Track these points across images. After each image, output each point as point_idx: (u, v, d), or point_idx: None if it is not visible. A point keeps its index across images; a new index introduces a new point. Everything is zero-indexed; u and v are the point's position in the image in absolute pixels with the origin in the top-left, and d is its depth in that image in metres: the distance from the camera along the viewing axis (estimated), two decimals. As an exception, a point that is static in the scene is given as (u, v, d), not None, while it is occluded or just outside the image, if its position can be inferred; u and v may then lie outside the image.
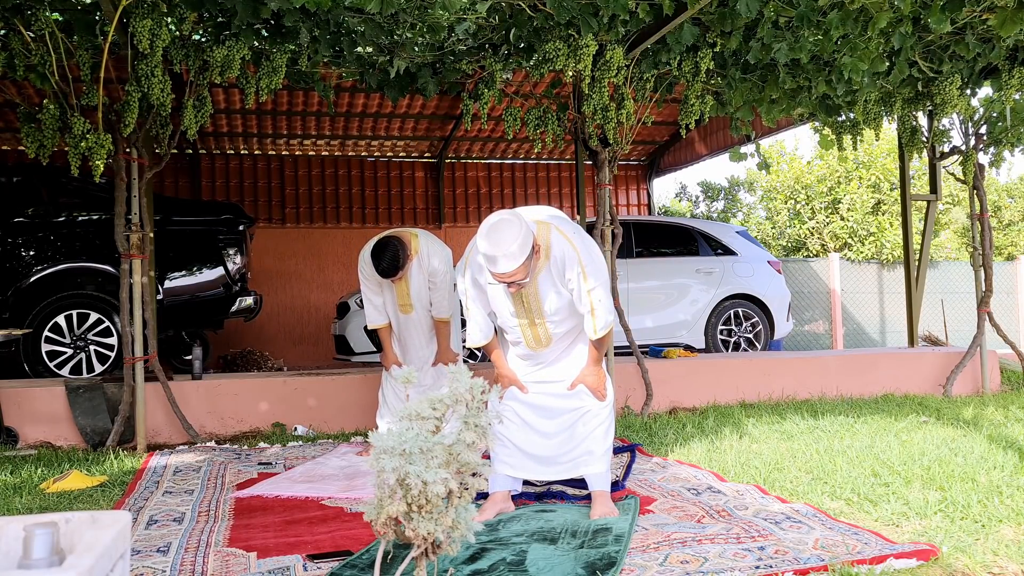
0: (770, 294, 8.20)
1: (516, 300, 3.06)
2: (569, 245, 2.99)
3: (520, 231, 2.80)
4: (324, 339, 10.11)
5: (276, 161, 10.87)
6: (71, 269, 6.15)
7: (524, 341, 3.17)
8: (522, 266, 2.83)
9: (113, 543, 1.27)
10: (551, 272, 3.01)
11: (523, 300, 3.05)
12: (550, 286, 3.03)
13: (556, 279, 3.02)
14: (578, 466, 3.19)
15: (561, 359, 3.24)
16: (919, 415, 5.18)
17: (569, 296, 3.06)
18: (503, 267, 2.81)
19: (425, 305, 4.42)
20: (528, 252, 2.83)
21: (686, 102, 5.77)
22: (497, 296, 3.09)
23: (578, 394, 3.19)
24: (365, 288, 4.47)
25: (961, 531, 2.68)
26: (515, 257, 2.79)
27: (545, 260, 3.00)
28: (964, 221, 17.74)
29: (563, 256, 2.98)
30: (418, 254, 4.29)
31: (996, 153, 6.52)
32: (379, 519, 1.89)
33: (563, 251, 2.98)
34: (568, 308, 3.09)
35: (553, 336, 3.15)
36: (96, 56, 4.70)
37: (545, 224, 3.02)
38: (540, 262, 2.98)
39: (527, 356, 3.24)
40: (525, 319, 3.10)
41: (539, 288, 3.03)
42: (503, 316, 3.14)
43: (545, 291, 3.03)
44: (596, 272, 3.00)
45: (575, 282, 2.99)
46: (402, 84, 5.67)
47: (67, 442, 4.88)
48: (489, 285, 3.07)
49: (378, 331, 4.56)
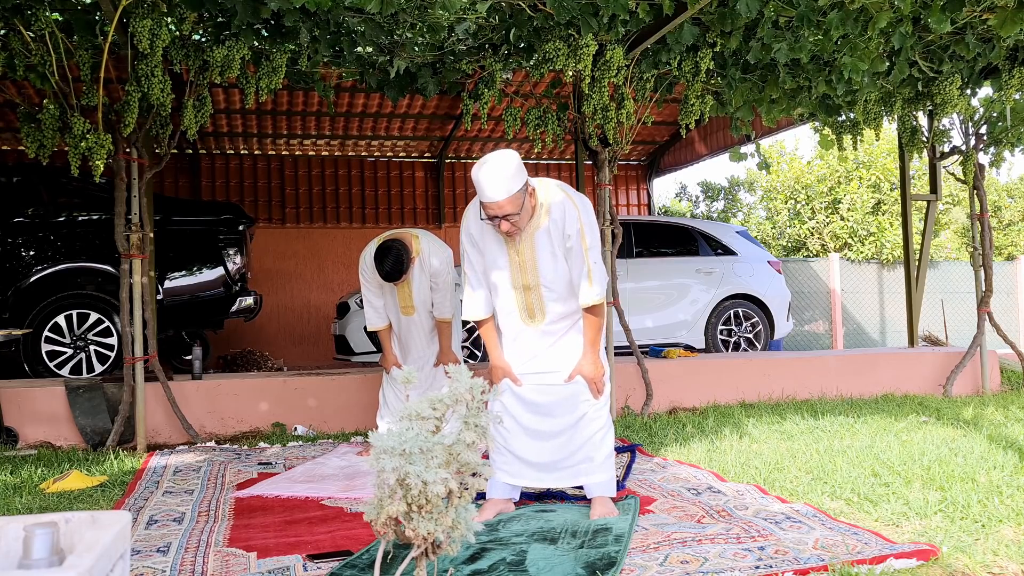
0: (770, 294, 8.20)
1: (512, 260, 3.04)
2: (570, 202, 3.03)
3: (513, 162, 2.88)
4: (324, 339, 10.11)
5: (276, 161, 10.87)
6: (71, 269, 6.15)
7: (518, 311, 3.10)
8: (514, 197, 2.87)
9: (113, 543, 1.27)
10: (550, 234, 3.02)
11: (519, 258, 3.03)
12: (547, 247, 3.03)
13: (555, 241, 3.02)
14: (578, 474, 3.14)
15: (556, 349, 3.16)
16: (919, 415, 5.18)
17: (566, 267, 3.04)
18: (493, 192, 2.84)
19: (427, 306, 4.42)
20: (520, 185, 2.88)
21: (686, 102, 5.77)
22: (492, 250, 3.07)
23: (575, 394, 3.12)
24: (366, 290, 4.46)
25: (961, 531, 2.68)
26: (507, 182, 2.84)
27: (545, 217, 3.02)
28: (964, 221, 17.74)
29: (564, 214, 3.01)
30: (420, 255, 4.29)
31: (996, 153, 6.52)
32: (379, 519, 1.89)
33: (564, 209, 3.02)
34: (564, 281, 3.06)
35: (548, 311, 3.09)
36: (96, 56, 4.70)
37: (547, 182, 3.10)
38: (539, 218, 3.01)
39: (520, 336, 3.15)
40: (520, 283, 3.06)
41: (536, 247, 3.02)
42: (499, 280, 3.10)
43: (542, 250, 3.03)
44: (594, 234, 3.05)
45: (575, 239, 3.00)
46: (402, 84, 5.67)
47: (67, 442, 4.88)
48: (486, 242, 3.07)
49: (378, 333, 4.56)
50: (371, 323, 4.51)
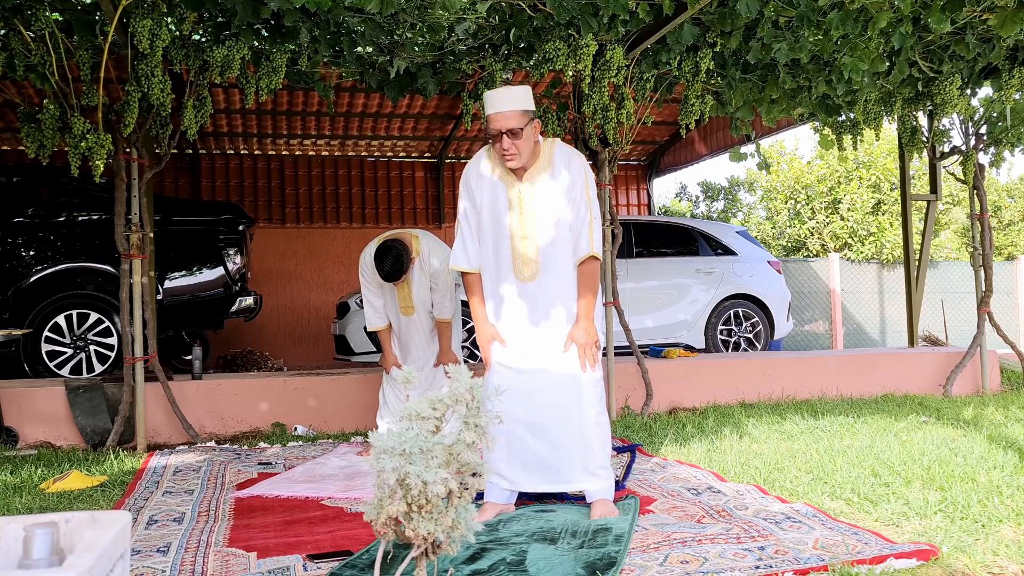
0: (770, 294, 8.20)
1: (512, 203, 3.04)
2: (576, 154, 3.12)
3: (526, 88, 3.05)
4: (324, 339, 10.11)
5: (276, 161, 10.87)
6: (71, 269, 6.15)
7: (511, 260, 3.05)
8: (520, 114, 2.96)
9: (113, 543, 1.27)
10: (554, 179, 3.05)
11: (519, 200, 3.04)
12: (548, 192, 3.04)
13: (558, 186, 3.03)
14: (575, 481, 3.08)
15: (548, 319, 3.07)
16: (919, 415, 5.18)
17: (565, 219, 3.03)
18: (499, 102, 2.97)
19: (426, 306, 4.42)
20: (528, 107, 3.00)
21: (686, 102, 5.77)
22: (490, 199, 3.08)
23: (566, 382, 3.03)
24: (366, 290, 4.46)
25: (961, 531, 2.67)
26: (514, 97, 2.98)
27: (549, 163, 3.06)
28: (964, 221, 17.74)
29: (569, 161, 3.07)
30: (419, 255, 4.29)
31: (996, 153, 6.52)
32: (379, 519, 1.89)
33: (570, 158, 3.09)
34: (561, 235, 3.03)
35: (541, 266, 3.03)
36: (96, 56, 4.70)
37: (553, 139, 3.16)
38: (543, 162, 3.07)
39: (510, 297, 3.07)
40: (519, 232, 3.03)
41: (536, 191, 3.04)
42: (494, 229, 3.08)
43: (542, 196, 3.04)
44: (594, 191, 3.13)
45: (579, 189, 3.04)
46: (402, 84, 5.67)
47: (67, 442, 4.88)
48: (483, 193, 3.10)
49: (378, 333, 4.56)
50: (371, 323, 4.51)
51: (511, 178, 3.08)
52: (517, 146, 2.97)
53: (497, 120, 2.96)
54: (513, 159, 2.99)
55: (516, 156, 2.99)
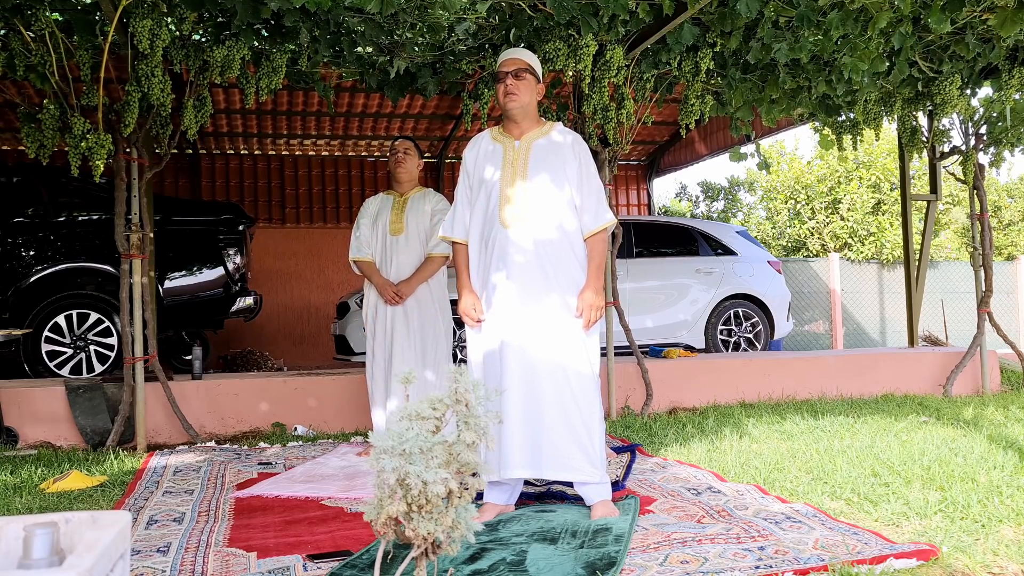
0: (770, 294, 8.20)
1: (506, 159, 3.09)
2: (580, 138, 3.17)
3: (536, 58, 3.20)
4: (324, 339, 10.11)
5: (276, 161, 10.87)
6: (71, 269, 6.15)
7: (499, 203, 3.03)
8: (531, 65, 3.10)
9: (113, 543, 1.27)
10: (552, 145, 3.09)
11: (512, 155, 3.08)
12: (541, 154, 3.08)
13: (556, 154, 3.07)
14: (565, 469, 2.97)
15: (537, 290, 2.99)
16: (919, 415, 5.18)
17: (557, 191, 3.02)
18: (512, 54, 3.11)
19: (416, 231, 4.39)
20: (537, 67, 3.14)
21: (686, 102, 5.77)
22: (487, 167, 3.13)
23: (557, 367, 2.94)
24: (361, 217, 4.59)
25: (961, 531, 2.67)
26: (527, 55, 3.13)
27: (549, 132, 3.13)
28: (964, 221, 17.73)
29: (573, 139, 3.13)
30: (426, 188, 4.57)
31: (996, 153, 6.52)
32: (379, 519, 1.89)
33: (573, 137, 3.14)
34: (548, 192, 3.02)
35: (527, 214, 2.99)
36: (96, 56, 4.70)
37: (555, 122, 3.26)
38: (544, 128, 3.14)
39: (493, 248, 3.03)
40: (507, 177, 3.05)
41: (531, 148, 3.09)
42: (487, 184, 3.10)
43: (538, 157, 3.07)
44: (595, 169, 3.19)
45: (584, 165, 3.09)
46: (402, 84, 5.67)
47: (67, 442, 4.88)
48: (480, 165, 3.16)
49: (361, 267, 4.51)
50: (352, 251, 4.53)
51: (509, 140, 3.16)
52: (520, 87, 3.07)
53: (506, 63, 3.09)
54: (515, 99, 3.07)
55: (517, 96, 3.07)
